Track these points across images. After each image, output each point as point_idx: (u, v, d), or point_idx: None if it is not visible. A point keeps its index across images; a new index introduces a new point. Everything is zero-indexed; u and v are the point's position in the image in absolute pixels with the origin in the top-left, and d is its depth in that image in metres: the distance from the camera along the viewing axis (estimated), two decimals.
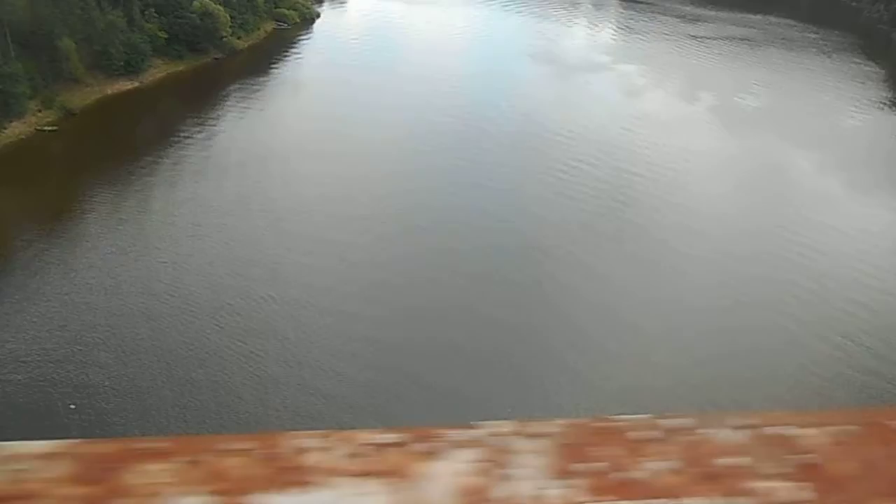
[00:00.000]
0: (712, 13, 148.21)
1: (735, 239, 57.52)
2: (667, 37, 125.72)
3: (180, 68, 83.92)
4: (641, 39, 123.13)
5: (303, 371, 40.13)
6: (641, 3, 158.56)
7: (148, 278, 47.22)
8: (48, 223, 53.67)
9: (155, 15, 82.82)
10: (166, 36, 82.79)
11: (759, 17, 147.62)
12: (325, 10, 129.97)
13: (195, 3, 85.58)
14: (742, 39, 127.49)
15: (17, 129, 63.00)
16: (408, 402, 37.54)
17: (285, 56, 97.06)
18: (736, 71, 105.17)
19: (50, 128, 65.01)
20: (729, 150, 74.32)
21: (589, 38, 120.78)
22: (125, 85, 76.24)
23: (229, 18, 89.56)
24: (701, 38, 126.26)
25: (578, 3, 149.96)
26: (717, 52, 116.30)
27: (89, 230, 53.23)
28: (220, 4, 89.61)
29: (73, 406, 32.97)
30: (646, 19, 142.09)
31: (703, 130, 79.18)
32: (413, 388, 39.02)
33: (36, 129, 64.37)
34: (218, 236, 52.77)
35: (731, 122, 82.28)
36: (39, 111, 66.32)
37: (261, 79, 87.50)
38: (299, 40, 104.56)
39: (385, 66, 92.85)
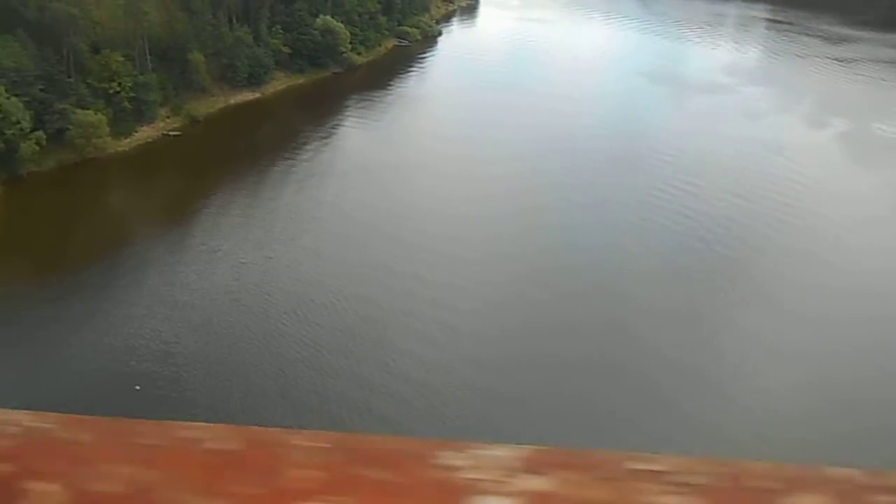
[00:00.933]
0: (864, 34, 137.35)
1: (865, 286, 51.63)
2: (806, 58, 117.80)
3: (300, 81, 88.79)
4: (779, 61, 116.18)
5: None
6: (788, 23, 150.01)
7: (246, 276, 49.86)
8: (165, 217, 58.44)
9: (280, 31, 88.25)
10: (289, 51, 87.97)
11: None
12: (454, 28, 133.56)
13: (318, 20, 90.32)
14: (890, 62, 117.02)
15: (145, 133, 69.24)
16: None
17: (402, 72, 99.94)
18: (877, 96, 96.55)
19: (174, 132, 70.88)
20: (856, 181, 68.14)
21: (726, 58, 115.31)
22: (247, 96, 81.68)
23: (349, 35, 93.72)
24: (844, 60, 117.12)
25: (722, 23, 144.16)
26: (860, 76, 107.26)
27: (201, 226, 57.32)
28: (341, 22, 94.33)
29: (137, 388, 35.52)
30: (787, 40, 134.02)
31: (828, 159, 73.18)
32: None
33: (162, 133, 70.40)
34: (322, 239, 54.59)
35: (863, 152, 75.48)
36: (168, 117, 72.49)
37: (376, 93, 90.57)
38: (419, 57, 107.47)
39: (505, 84, 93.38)
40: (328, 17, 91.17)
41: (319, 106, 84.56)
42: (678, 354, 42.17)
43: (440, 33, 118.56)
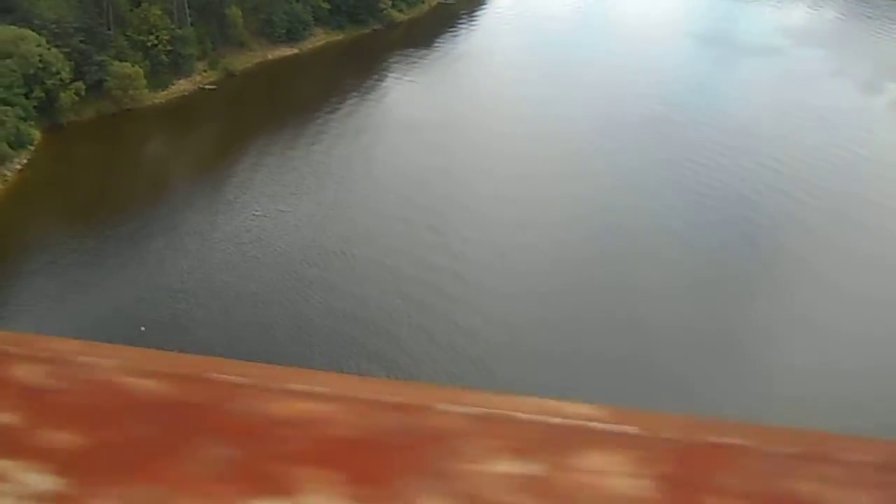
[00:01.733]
0: None
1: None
2: (874, 20, 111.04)
3: (339, 37, 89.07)
4: (842, 22, 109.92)
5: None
6: None
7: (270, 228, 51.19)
8: (194, 169, 60.37)
9: None
10: (329, 6, 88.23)
11: None
12: None
13: None
14: None
15: (182, 86, 71.06)
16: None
17: (443, 30, 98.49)
18: None
19: (210, 86, 72.51)
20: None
21: (785, 19, 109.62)
22: (285, 51, 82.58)
23: None
24: None
25: None
26: None
27: (229, 179, 59.00)
28: None
29: (142, 329, 37.40)
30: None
31: (873, 126, 69.60)
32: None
33: (199, 87, 72.10)
34: (348, 195, 55.36)
35: None
36: (205, 71, 74.09)
37: (415, 51, 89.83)
38: (463, 15, 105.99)
39: (551, 46, 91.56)
40: None
41: (357, 62, 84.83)
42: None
43: None
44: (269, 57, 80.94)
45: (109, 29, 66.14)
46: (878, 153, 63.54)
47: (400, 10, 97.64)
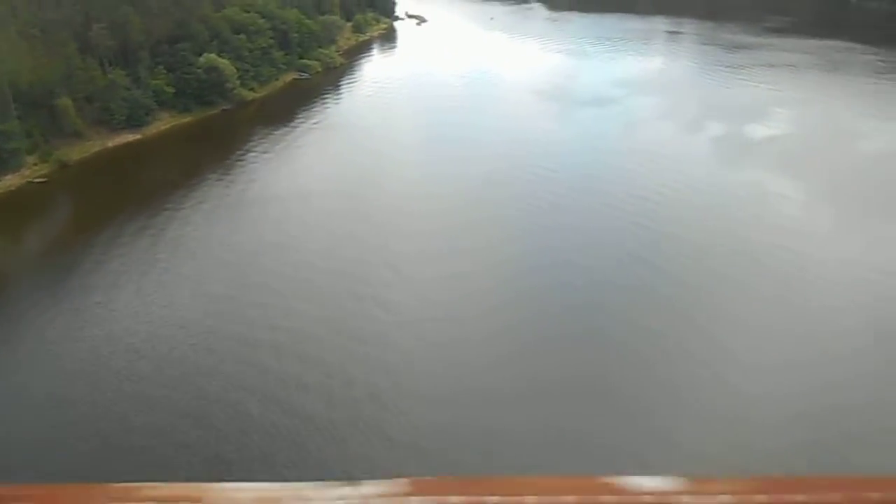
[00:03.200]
0: (762, 40, 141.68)
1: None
2: (702, 68, 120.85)
3: (186, 120, 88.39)
4: (673, 71, 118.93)
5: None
6: (692, 34, 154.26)
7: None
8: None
9: (163, 71, 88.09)
10: (173, 90, 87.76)
11: (828, 42, 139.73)
12: (368, 56, 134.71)
13: (201, 59, 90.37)
14: (790, 66, 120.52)
15: (8, 182, 68.09)
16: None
17: (297, 105, 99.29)
18: (759, 98, 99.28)
19: (40, 179, 69.84)
20: (714, 178, 69.61)
21: (622, 72, 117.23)
22: (127, 138, 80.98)
23: (236, 71, 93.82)
24: (737, 66, 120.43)
25: (625, 37, 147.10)
26: (748, 81, 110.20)
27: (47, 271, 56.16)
28: (229, 59, 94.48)
29: None
30: (687, 51, 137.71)
31: (694, 161, 74.76)
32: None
33: (27, 181, 69.31)
34: (196, 278, 53.76)
35: (727, 153, 77.33)
36: (35, 164, 71.47)
37: (265, 127, 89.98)
38: (320, 89, 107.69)
39: (411, 118, 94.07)
40: (212, 55, 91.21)
41: (203, 142, 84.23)
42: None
43: (339, 64, 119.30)
44: (110, 144, 79.13)
45: None
46: (692, 183, 68.33)
47: (251, 89, 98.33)
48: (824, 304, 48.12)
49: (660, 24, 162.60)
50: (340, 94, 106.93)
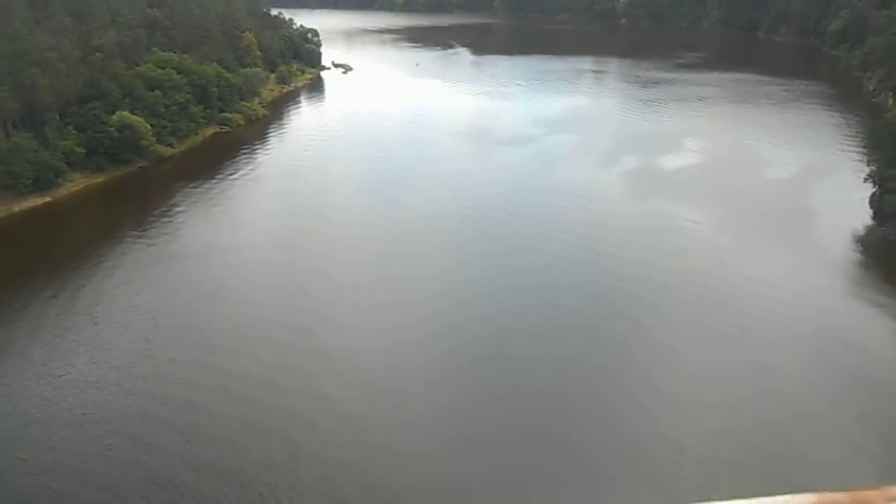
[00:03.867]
0: (676, 76, 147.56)
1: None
2: (618, 103, 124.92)
3: (100, 180, 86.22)
4: (590, 108, 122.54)
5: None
6: (611, 73, 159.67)
7: None
8: None
9: (73, 132, 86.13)
10: (84, 150, 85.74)
11: (736, 74, 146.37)
12: (293, 106, 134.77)
13: (113, 117, 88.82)
14: (700, 98, 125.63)
15: None
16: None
17: (217, 160, 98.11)
18: (668, 131, 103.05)
19: None
20: (625, 209, 71.33)
21: (542, 111, 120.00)
22: (35, 201, 78.36)
23: (150, 128, 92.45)
24: (650, 101, 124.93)
25: (548, 78, 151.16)
26: (659, 115, 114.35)
27: None
28: (144, 115, 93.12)
29: None
30: (605, 88, 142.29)
31: (605, 193, 76.60)
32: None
33: None
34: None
35: (639, 185, 79.60)
36: None
37: (183, 182, 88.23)
38: (243, 142, 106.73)
39: (316, 164, 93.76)
40: (125, 113, 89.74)
41: (118, 201, 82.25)
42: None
43: (262, 116, 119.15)
44: (16, 209, 76.40)
45: None
46: (606, 210, 70.29)
47: (169, 145, 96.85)
48: (734, 324, 49.18)
49: (579, 64, 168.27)
50: (263, 145, 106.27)
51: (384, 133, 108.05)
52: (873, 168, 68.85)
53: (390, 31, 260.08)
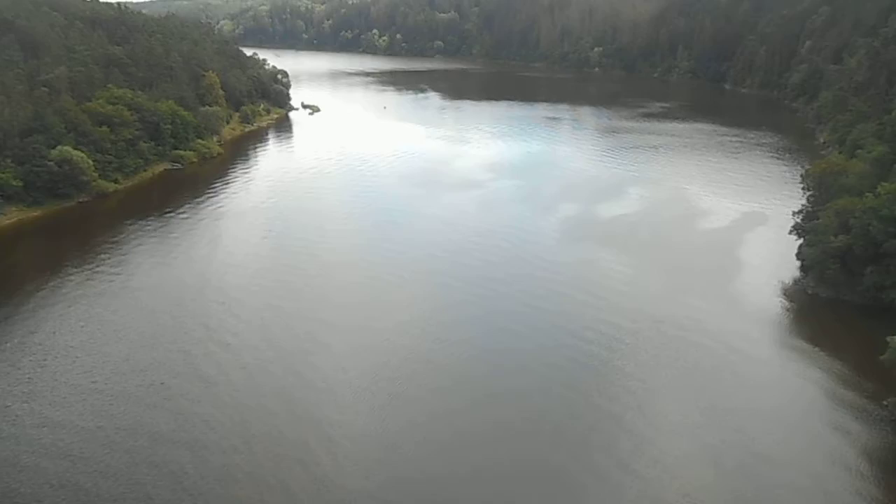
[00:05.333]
0: (635, 125, 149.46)
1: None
2: (574, 151, 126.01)
3: (36, 214, 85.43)
4: (543, 155, 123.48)
5: None
6: (569, 120, 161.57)
7: None
8: None
9: (11, 164, 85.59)
10: (21, 183, 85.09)
11: (696, 124, 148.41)
12: (260, 143, 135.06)
13: (54, 151, 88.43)
14: (653, 147, 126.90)
15: None
16: None
17: (162, 196, 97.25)
18: (617, 178, 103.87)
19: None
20: (554, 255, 71.26)
21: (495, 156, 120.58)
22: None
23: (93, 163, 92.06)
24: (607, 149, 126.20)
25: (508, 123, 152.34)
26: (613, 162, 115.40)
27: None
28: (88, 150, 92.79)
29: None
30: (561, 136, 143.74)
31: (542, 239, 76.67)
32: None
33: None
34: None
35: (577, 231, 79.73)
36: None
37: (124, 219, 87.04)
38: (188, 180, 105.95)
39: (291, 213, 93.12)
40: (66, 148, 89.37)
41: (53, 236, 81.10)
42: None
43: (216, 154, 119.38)
44: None
45: None
46: (550, 255, 71.27)
47: (114, 180, 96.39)
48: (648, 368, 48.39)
49: (545, 111, 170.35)
50: (211, 183, 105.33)
51: (334, 175, 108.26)
52: (797, 220, 69.20)
53: (367, 73, 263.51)
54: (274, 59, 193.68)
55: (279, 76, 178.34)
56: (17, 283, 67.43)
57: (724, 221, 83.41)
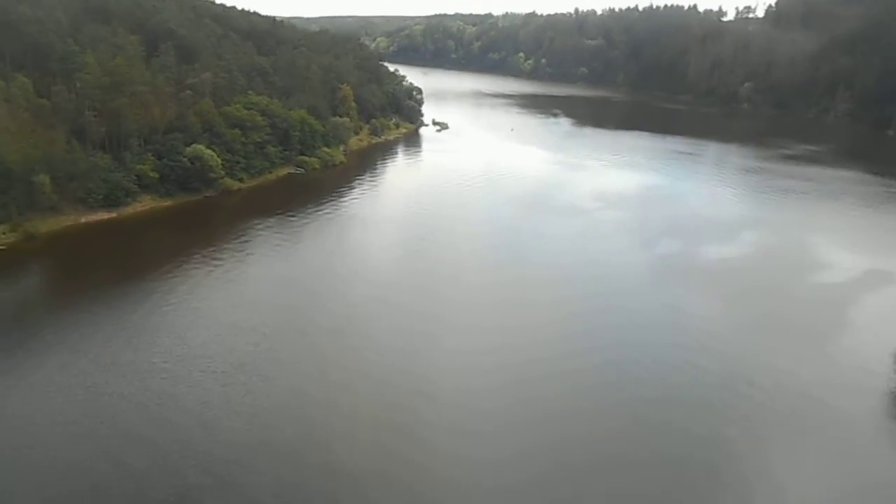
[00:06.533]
0: (785, 168, 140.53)
1: None
2: (699, 186, 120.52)
3: (166, 203, 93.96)
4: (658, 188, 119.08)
5: None
6: (691, 154, 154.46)
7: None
8: None
9: (151, 157, 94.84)
10: (158, 175, 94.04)
11: (840, 171, 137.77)
12: (386, 154, 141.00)
13: (189, 149, 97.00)
14: (782, 190, 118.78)
15: None
16: None
17: (284, 196, 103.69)
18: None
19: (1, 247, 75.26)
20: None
21: (611, 186, 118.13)
22: (101, 216, 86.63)
23: (220, 162, 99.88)
24: (727, 187, 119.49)
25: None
26: (737, 201, 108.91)
27: None
28: (220, 149, 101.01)
29: None
30: (690, 169, 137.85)
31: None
32: None
33: None
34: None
35: (669, 273, 76.16)
36: (4, 234, 77.19)
37: (242, 215, 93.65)
38: (308, 185, 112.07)
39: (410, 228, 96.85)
40: (199, 146, 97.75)
41: (177, 225, 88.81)
42: None
43: (340, 162, 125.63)
44: (82, 221, 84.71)
45: None
46: (646, 295, 69.26)
47: (239, 179, 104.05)
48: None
49: (674, 144, 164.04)
50: (328, 189, 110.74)
51: (444, 188, 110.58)
52: None
53: (507, 95, 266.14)
54: (421, 77, 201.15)
55: (414, 93, 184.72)
56: (149, 264, 74.14)
57: (840, 277, 76.28)
